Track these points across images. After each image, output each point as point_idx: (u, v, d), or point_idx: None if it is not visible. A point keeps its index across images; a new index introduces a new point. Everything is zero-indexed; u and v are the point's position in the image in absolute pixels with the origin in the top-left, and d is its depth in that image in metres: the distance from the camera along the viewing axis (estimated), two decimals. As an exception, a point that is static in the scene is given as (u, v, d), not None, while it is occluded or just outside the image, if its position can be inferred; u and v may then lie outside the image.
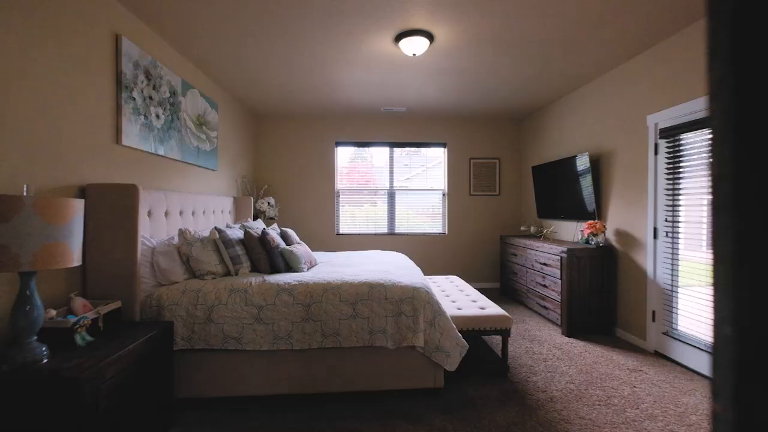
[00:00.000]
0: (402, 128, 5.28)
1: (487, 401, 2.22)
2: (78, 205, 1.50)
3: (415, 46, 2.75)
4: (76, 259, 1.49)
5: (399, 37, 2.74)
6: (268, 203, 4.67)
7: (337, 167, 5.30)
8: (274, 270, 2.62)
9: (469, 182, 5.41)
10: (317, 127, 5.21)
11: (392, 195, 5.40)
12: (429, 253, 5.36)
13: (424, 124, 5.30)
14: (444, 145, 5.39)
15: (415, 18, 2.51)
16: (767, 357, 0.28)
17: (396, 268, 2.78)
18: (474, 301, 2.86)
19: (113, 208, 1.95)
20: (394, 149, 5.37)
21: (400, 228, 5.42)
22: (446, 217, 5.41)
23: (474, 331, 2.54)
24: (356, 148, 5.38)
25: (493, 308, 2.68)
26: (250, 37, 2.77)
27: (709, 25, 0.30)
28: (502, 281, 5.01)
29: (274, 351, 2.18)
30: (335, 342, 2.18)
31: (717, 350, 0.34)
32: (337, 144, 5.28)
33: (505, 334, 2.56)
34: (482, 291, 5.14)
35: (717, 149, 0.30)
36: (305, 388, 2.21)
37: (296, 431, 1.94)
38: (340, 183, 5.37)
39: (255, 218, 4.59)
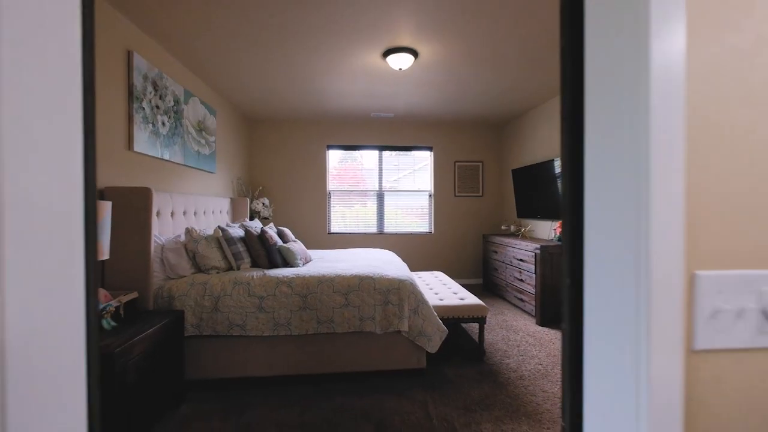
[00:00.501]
0: (390, 132, 5.56)
1: (464, 380, 2.52)
2: (107, 207, 1.73)
3: (401, 62, 3.03)
4: (105, 253, 1.73)
5: (387, 53, 3.01)
6: (263, 204, 4.90)
7: (328, 169, 5.55)
8: (273, 265, 2.87)
9: (454, 184, 5.71)
10: (309, 131, 5.45)
11: (381, 196, 5.67)
12: (416, 250, 5.65)
13: (411, 128, 5.59)
14: (430, 148, 5.68)
15: (401, 37, 2.79)
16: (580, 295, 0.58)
17: (384, 264, 3.05)
18: (455, 293, 3.15)
19: (129, 209, 2.17)
20: (383, 152, 5.65)
21: (389, 227, 5.70)
22: (433, 217, 5.71)
23: (454, 318, 2.83)
24: (347, 151, 5.63)
25: (471, 299, 2.98)
26: (248, 50, 3.01)
27: (561, 113, 0.60)
28: (484, 277, 5.33)
29: (274, 336, 2.44)
30: (329, 328, 2.44)
31: (563, 292, 0.66)
32: (329, 147, 5.53)
33: (481, 321, 2.86)
34: (466, 286, 5.45)
35: (563, 173, 0.60)
36: (302, 370, 2.47)
37: (295, 406, 2.20)
38: (332, 184, 5.61)
39: (251, 218, 4.81)
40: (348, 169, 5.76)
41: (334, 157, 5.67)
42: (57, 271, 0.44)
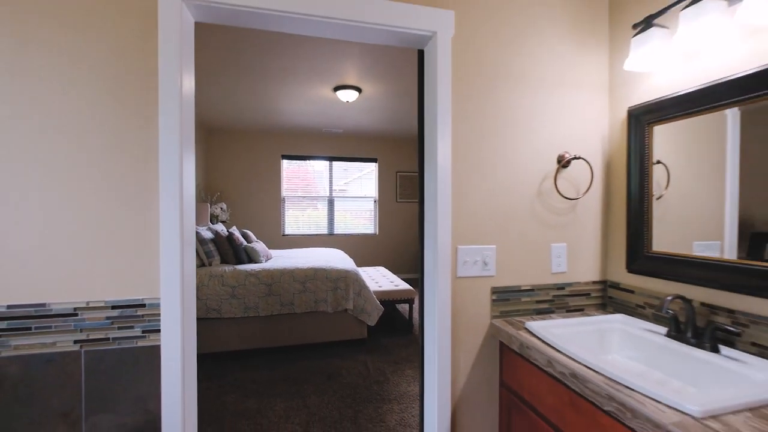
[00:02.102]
0: (339, 145, 6.25)
1: (395, 345, 3.30)
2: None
3: (348, 96, 3.76)
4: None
5: (336, 89, 3.72)
6: (221, 208, 5.33)
7: (282, 177, 6.09)
8: (239, 262, 3.43)
9: (396, 191, 6.56)
10: (265, 141, 5.96)
11: (332, 201, 6.34)
12: (363, 249, 6.40)
13: (358, 142, 6.33)
14: (375, 160, 6.47)
15: (347, 78, 3.51)
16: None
17: (334, 259, 3.75)
18: (391, 282, 3.95)
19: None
20: (333, 162, 6.32)
21: (339, 229, 6.38)
22: (377, 220, 6.50)
23: (390, 300, 3.61)
24: (300, 161, 6.22)
25: (403, 285, 3.78)
26: (215, 81, 3.54)
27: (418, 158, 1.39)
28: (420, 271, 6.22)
29: (245, 317, 3.02)
30: (290, 309, 3.09)
31: (418, 257, 1.50)
32: (283, 157, 6.08)
33: (410, 302, 3.68)
34: (406, 279, 6.30)
35: (419, 197, 1.42)
36: (270, 343, 3.09)
37: (265, 368, 2.82)
38: (286, 190, 6.16)
39: (212, 222, 5.22)
40: (301, 174, 6.35)
41: (288, 166, 6.22)
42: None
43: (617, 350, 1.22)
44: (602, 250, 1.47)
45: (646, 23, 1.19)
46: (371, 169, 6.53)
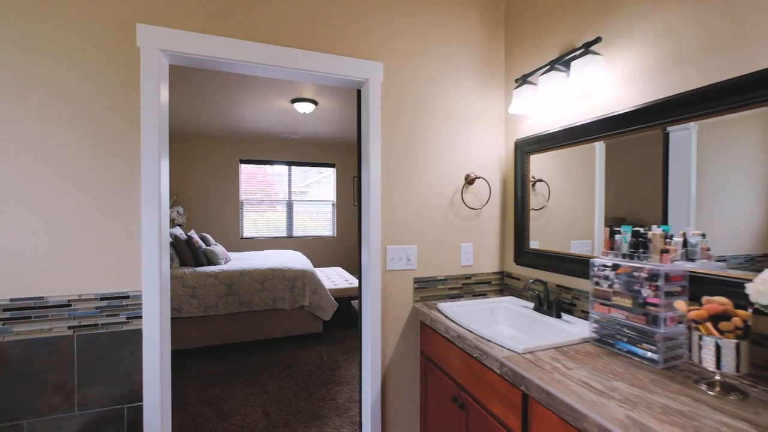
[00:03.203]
0: (298, 151, 6.47)
1: (348, 337, 3.63)
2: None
3: (305, 108, 4.03)
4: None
5: (294, 101, 3.98)
6: (177, 212, 5.35)
7: (241, 180, 6.19)
8: (199, 264, 3.58)
9: (354, 195, 6.88)
10: (223, 146, 6.03)
11: (290, 205, 6.53)
12: (322, 250, 6.65)
13: (316, 148, 6.58)
14: (333, 165, 6.75)
15: (304, 93, 3.79)
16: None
17: (291, 260, 4.00)
18: (346, 280, 4.27)
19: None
20: (292, 167, 6.52)
21: (298, 231, 6.58)
22: (335, 222, 6.78)
23: (344, 297, 3.93)
24: (259, 165, 6.35)
25: (357, 283, 4.12)
26: (172, 83, 3.67)
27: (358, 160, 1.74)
28: (377, 271, 6.59)
29: (205, 316, 3.20)
30: (249, 308, 3.31)
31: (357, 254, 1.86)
32: (241, 161, 6.18)
33: (363, 298, 4.02)
34: (363, 279, 6.65)
35: (358, 197, 1.77)
36: (230, 339, 3.28)
37: (226, 362, 3.02)
38: (244, 194, 6.26)
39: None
40: (259, 176, 6.47)
41: (247, 169, 6.33)
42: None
43: (502, 322, 1.64)
44: (500, 248, 1.90)
45: (523, 80, 1.62)
46: (330, 173, 6.80)
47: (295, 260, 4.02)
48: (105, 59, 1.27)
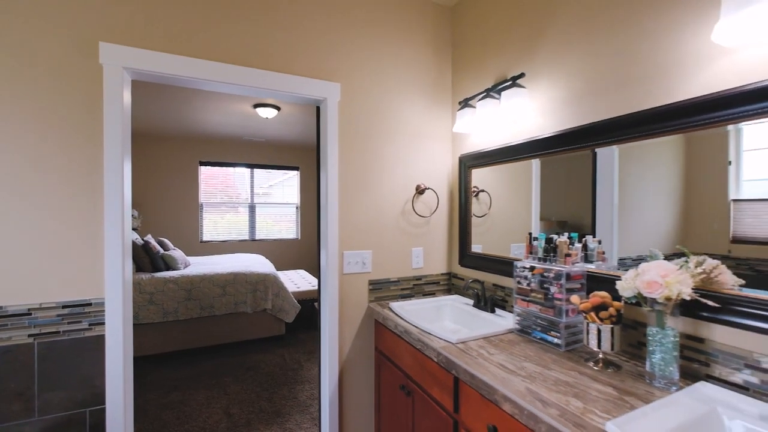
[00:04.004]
0: (261, 153, 6.43)
1: (311, 338, 3.72)
2: None
3: (267, 113, 4.08)
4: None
5: (256, 106, 4.02)
6: (132, 216, 5.16)
7: (200, 183, 6.05)
8: (156, 269, 3.52)
9: (317, 198, 6.93)
10: (181, 147, 5.87)
11: (253, 207, 6.47)
12: (286, 253, 6.64)
13: (280, 151, 6.58)
14: (297, 168, 6.78)
15: (267, 98, 3.84)
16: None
17: (254, 264, 4.03)
18: (309, 283, 4.35)
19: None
20: (255, 170, 6.47)
21: (261, 234, 6.53)
22: (299, 225, 6.80)
23: (307, 299, 4.02)
24: (219, 167, 6.24)
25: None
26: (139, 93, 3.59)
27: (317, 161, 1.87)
28: (341, 273, 6.69)
29: (164, 322, 3.17)
30: (210, 312, 3.32)
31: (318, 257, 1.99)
32: (201, 163, 6.05)
33: (326, 300, 4.13)
34: (327, 281, 6.72)
35: (318, 205, 1.89)
36: (191, 345, 3.27)
37: (188, 367, 3.02)
38: (204, 196, 6.13)
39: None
40: (220, 180, 6.36)
41: (207, 171, 6.20)
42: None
43: (447, 318, 1.84)
44: (447, 252, 2.11)
45: (464, 103, 1.83)
46: (294, 175, 6.82)
47: (258, 264, 4.05)
48: (68, 74, 1.32)
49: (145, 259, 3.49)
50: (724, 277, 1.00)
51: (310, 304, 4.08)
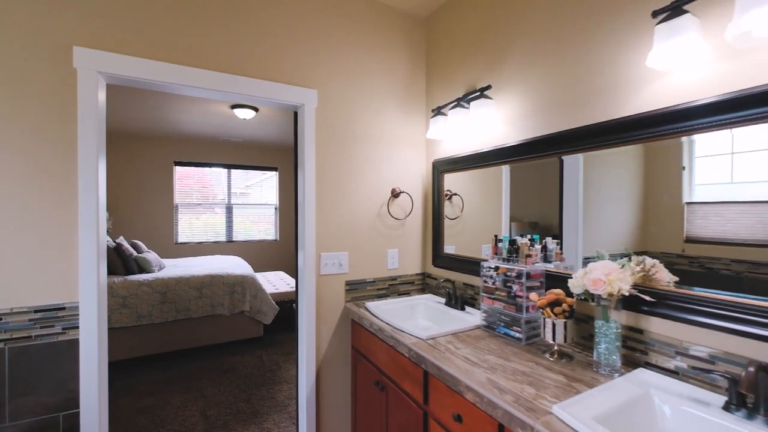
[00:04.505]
0: (239, 154, 6.35)
1: (289, 339, 3.74)
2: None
3: (245, 114, 4.06)
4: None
5: (233, 106, 3.99)
6: (103, 217, 4.99)
7: (175, 183, 5.92)
8: (129, 272, 3.45)
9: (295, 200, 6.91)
10: (155, 147, 5.73)
11: (230, 208, 6.39)
12: (265, 255, 6.59)
13: (258, 151, 6.52)
14: (276, 169, 6.74)
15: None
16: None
17: (231, 266, 4.00)
18: (288, 284, 4.36)
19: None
20: (232, 170, 6.38)
21: (238, 236, 6.45)
22: (278, 226, 6.76)
23: (285, 301, 4.02)
24: (195, 167, 6.12)
25: (299, 286, 4.23)
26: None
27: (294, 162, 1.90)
28: (320, 274, 6.70)
29: (137, 326, 3.12)
30: (186, 315, 3.28)
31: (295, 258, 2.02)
32: (176, 163, 5.92)
33: (305, 301, 4.15)
34: (306, 282, 6.71)
35: (295, 208, 1.93)
36: (166, 348, 3.22)
37: (164, 371, 2.98)
38: (179, 196, 6.00)
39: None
40: (196, 180, 6.24)
41: (183, 171, 6.07)
42: None
43: (421, 316, 1.93)
44: (422, 253, 2.20)
45: (437, 111, 1.92)
46: (273, 176, 6.77)
47: (235, 266, 4.03)
48: (41, 77, 1.31)
49: (118, 262, 3.41)
50: (660, 275, 1.12)
51: (288, 305, 4.10)
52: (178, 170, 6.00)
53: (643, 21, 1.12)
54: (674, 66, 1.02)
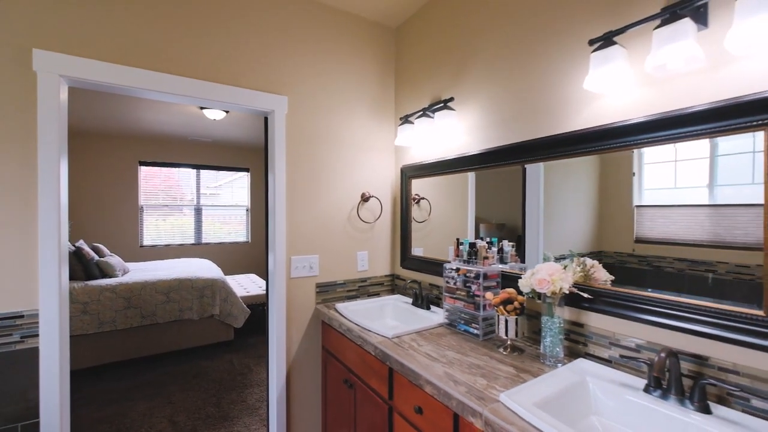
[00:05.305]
0: (209, 154, 6.21)
1: (260, 342, 3.72)
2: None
3: (215, 114, 3.99)
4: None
5: (203, 107, 3.92)
6: (60, 219, 4.74)
7: (140, 184, 5.71)
8: (90, 277, 3.32)
9: (266, 203, 6.83)
10: (119, 146, 5.50)
11: (199, 210, 6.22)
12: (235, 257, 6.47)
13: (229, 152, 6.40)
14: (247, 170, 6.63)
15: (214, 100, 3.77)
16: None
17: (200, 269, 3.92)
18: (259, 287, 4.32)
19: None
20: (201, 170, 6.23)
21: (208, 238, 6.30)
22: (250, 228, 6.65)
23: (257, 304, 3.99)
24: (162, 168, 5.92)
25: (270, 289, 4.21)
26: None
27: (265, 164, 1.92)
28: (293, 276, 6.65)
29: (99, 333, 3.01)
30: (153, 320, 3.20)
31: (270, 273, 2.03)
32: (141, 163, 5.71)
33: (277, 303, 4.13)
34: (278, 285, 6.65)
35: (266, 211, 1.95)
36: (131, 355, 3.13)
37: (129, 378, 2.89)
38: (145, 198, 5.78)
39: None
40: (162, 179, 6.03)
41: (149, 170, 5.85)
42: None
43: (389, 316, 2.01)
44: (391, 255, 2.28)
45: (405, 119, 2.01)
46: (244, 177, 6.65)
47: (204, 269, 3.95)
48: (-3, 81, 1.28)
49: (78, 266, 3.28)
50: (598, 274, 1.25)
51: (260, 308, 4.07)
52: (144, 170, 5.79)
53: (584, 48, 1.25)
54: (607, 90, 1.15)
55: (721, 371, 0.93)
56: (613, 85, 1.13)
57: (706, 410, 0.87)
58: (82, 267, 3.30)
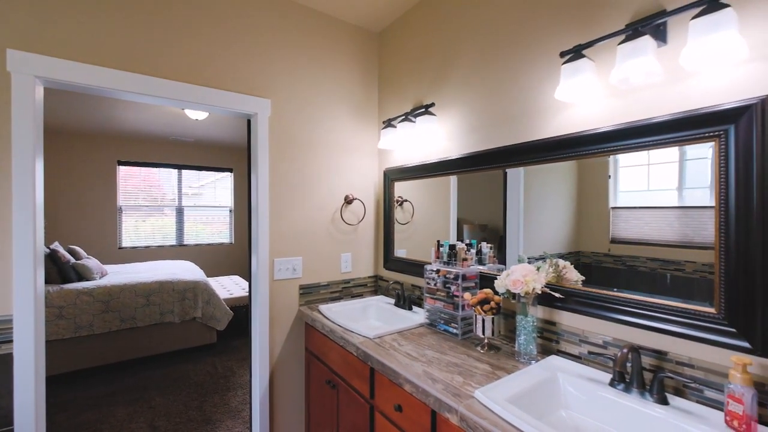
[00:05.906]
0: (191, 154, 6.10)
1: (243, 345, 3.69)
2: None
3: (197, 114, 3.94)
4: None
5: (184, 106, 3.86)
6: (34, 220, 4.59)
7: (119, 184, 5.57)
8: (66, 281, 3.23)
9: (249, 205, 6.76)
10: (97, 145, 5.35)
11: (180, 211, 6.11)
12: (218, 259, 6.37)
13: (212, 152, 6.30)
14: (231, 170, 6.55)
15: (196, 100, 3.72)
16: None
17: (182, 271, 3.86)
18: (243, 288, 4.28)
19: None
20: (183, 171, 6.11)
21: (190, 239, 6.19)
22: (233, 229, 6.57)
23: (240, 306, 3.96)
24: (142, 168, 5.79)
25: (254, 291, 4.18)
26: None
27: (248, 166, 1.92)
28: (277, 277, 6.60)
29: (76, 338, 2.93)
30: (132, 324, 3.14)
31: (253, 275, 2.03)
32: (120, 163, 5.57)
33: (261, 305, 4.11)
34: (263, 286, 6.59)
35: (249, 214, 1.95)
36: (109, 360, 3.06)
37: (106, 385, 2.83)
38: (123, 197, 5.64)
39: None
40: (142, 179, 5.90)
41: (127, 170, 5.71)
42: None
43: (372, 316, 2.03)
44: (374, 256, 2.31)
45: (388, 123, 2.04)
46: (227, 176, 6.57)
47: (186, 271, 3.90)
48: (-32, 82, 1.25)
49: (53, 270, 3.19)
50: (570, 275, 1.31)
51: (243, 310, 4.03)
52: (123, 170, 5.65)
53: (556, 59, 1.31)
54: (578, 99, 1.22)
55: (678, 365, 1.00)
56: (583, 96, 1.19)
57: (664, 401, 0.94)
58: (57, 270, 3.20)
